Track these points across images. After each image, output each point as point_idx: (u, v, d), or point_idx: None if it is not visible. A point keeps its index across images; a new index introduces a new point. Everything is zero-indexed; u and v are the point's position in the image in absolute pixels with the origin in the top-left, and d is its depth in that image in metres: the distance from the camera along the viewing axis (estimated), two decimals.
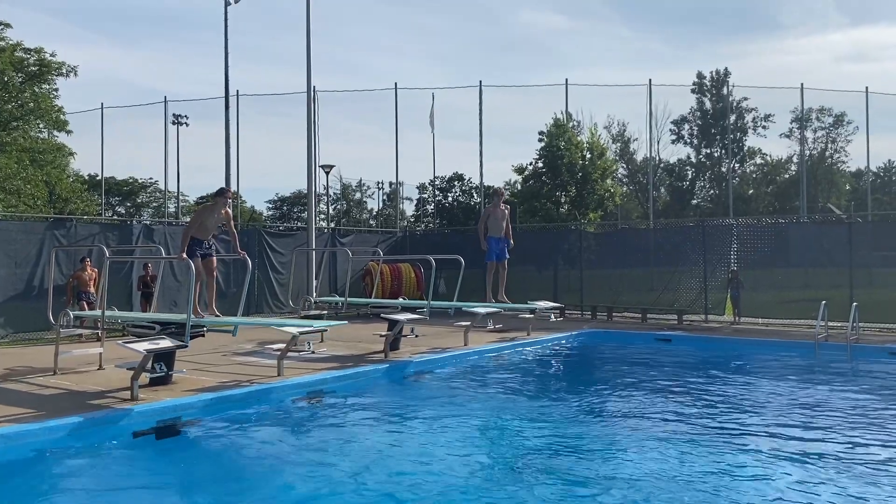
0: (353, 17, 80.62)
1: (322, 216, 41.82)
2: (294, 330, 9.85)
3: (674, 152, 50.67)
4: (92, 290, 13.87)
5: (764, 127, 47.61)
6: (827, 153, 48.69)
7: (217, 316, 9.93)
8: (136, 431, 7.18)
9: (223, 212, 9.97)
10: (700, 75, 47.85)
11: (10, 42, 24.17)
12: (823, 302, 12.27)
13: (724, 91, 45.80)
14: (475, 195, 43.29)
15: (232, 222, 10.26)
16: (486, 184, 29.36)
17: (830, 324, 12.84)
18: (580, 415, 8.28)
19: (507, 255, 13.27)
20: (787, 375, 10.62)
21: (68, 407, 7.57)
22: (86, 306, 13.51)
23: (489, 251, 13.12)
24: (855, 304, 12.64)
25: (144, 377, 8.41)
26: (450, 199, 45.45)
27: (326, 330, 11.46)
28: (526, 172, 28.67)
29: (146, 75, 78.01)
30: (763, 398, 8.94)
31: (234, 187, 28.67)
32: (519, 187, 32.01)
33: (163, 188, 38.78)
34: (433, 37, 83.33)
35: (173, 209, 38.39)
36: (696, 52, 73.86)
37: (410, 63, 79.90)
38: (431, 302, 12.80)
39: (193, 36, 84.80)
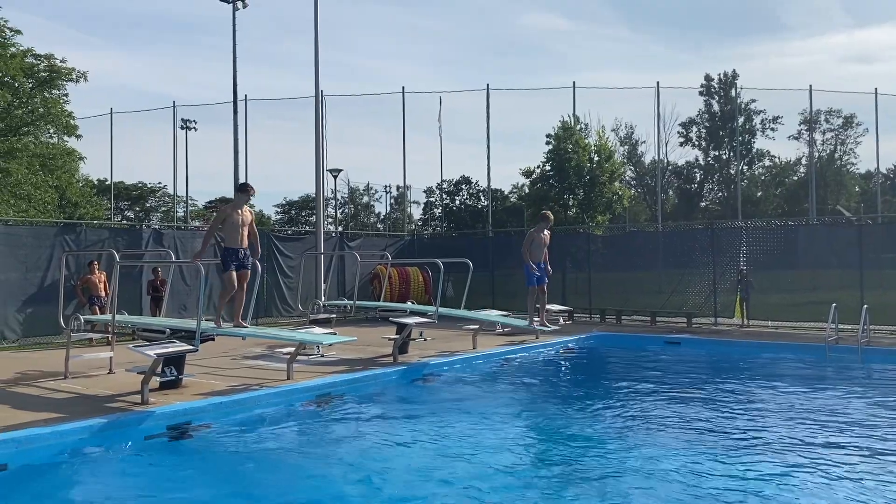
0: (361, 21, 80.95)
1: (330, 220, 41.89)
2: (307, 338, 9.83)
3: (682, 155, 50.46)
4: (102, 293, 13.95)
5: (772, 129, 47.47)
6: (836, 155, 48.51)
7: (244, 327, 9.73)
8: (147, 435, 7.20)
9: (245, 210, 9.55)
10: (708, 77, 47.75)
11: (21, 48, 24.33)
12: (834, 304, 12.20)
13: (732, 93, 45.66)
14: (482, 198, 43.33)
15: (254, 223, 9.75)
16: (493, 187, 29.36)
17: (841, 326, 12.77)
18: (591, 419, 8.25)
19: (546, 280, 13.00)
20: (799, 378, 10.57)
21: (79, 411, 7.60)
22: (97, 310, 13.59)
23: (531, 276, 12.66)
24: (865, 306, 12.56)
25: (155, 381, 8.45)
26: (457, 202, 45.51)
27: (332, 345, 11.40)
28: (533, 175, 28.69)
29: (155, 80, 78.64)
30: (776, 402, 8.89)
31: None
32: (526, 190, 32.03)
33: (171, 193, 38.91)
34: (440, 41, 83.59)
35: (182, 213, 38.57)
36: (701, 55, 73.81)
37: (418, 67, 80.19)
38: (440, 309, 12.76)
39: (202, 41, 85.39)
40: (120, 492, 5.88)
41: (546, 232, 12.89)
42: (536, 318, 13.11)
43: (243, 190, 9.70)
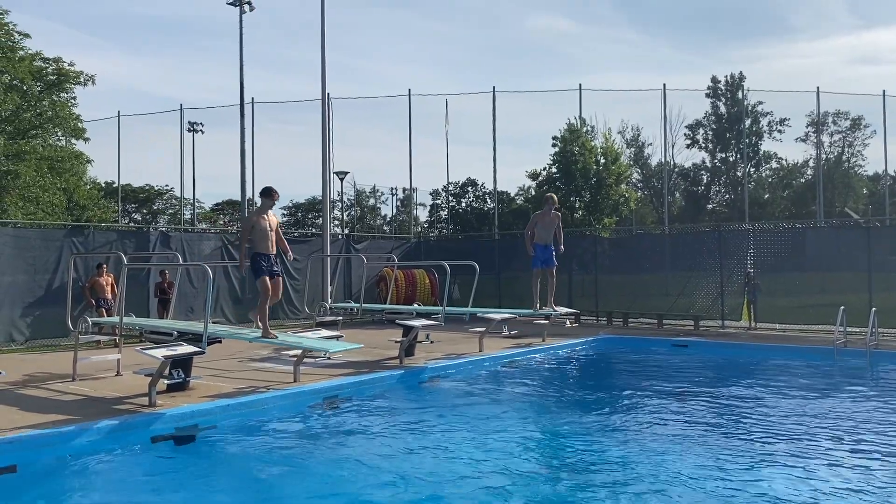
0: (367, 24, 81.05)
1: (336, 222, 41.95)
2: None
3: (689, 157, 50.39)
4: (109, 296, 14.00)
5: (780, 131, 47.40)
6: (844, 157, 48.35)
7: (274, 337, 9.63)
8: (154, 437, 7.22)
9: (270, 215, 9.52)
10: (714, 79, 47.71)
11: (30, 52, 24.45)
12: (842, 307, 12.15)
13: (739, 95, 45.56)
14: (489, 201, 43.32)
15: (279, 227, 9.80)
16: (499, 189, 29.33)
17: (849, 329, 12.72)
18: (598, 421, 8.23)
19: (556, 263, 13.07)
20: (807, 382, 10.52)
21: (87, 413, 7.62)
22: (104, 313, 13.64)
23: (534, 258, 12.91)
24: (874, 309, 12.50)
25: (162, 383, 8.46)
26: (463, 204, 45.52)
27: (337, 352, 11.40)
28: (540, 178, 28.68)
29: (162, 83, 78.88)
30: (784, 405, 8.85)
31: (248, 194, 28.79)
32: (533, 193, 32.01)
33: (178, 195, 39.03)
34: (446, 43, 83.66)
35: (189, 216, 38.65)
36: (708, 56, 73.73)
37: (423, 69, 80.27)
38: (446, 308, 12.78)
39: (209, 44, 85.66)
40: (128, 494, 5.90)
41: (554, 212, 12.94)
42: (546, 308, 13.21)
43: (268, 195, 9.66)
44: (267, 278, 9.44)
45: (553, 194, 13.60)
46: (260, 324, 9.76)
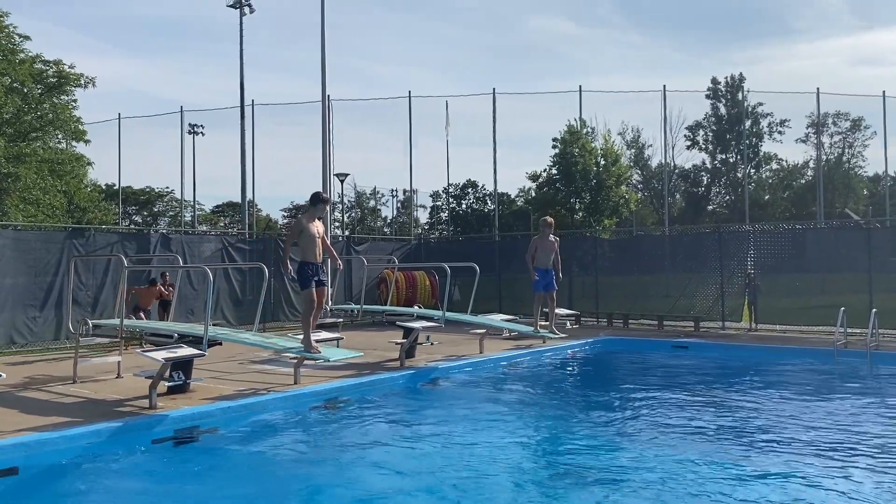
0: (366, 25, 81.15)
1: (337, 224, 41.96)
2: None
3: (689, 158, 50.46)
4: (150, 307, 14.45)
5: (780, 132, 47.49)
6: (844, 158, 48.42)
7: (317, 352, 9.15)
8: (155, 439, 7.23)
9: (318, 221, 9.12)
10: (714, 81, 47.82)
11: (30, 54, 24.46)
12: (842, 308, 12.14)
13: (739, 96, 45.61)
14: (489, 202, 43.37)
15: (325, 234, 9.31)
16: (500, 191, 29.35)
17: (849, 330, 12.71)
18: (599, 423, 8.23)
19: (556, 287, 13.05)
20: (807, 383, 10.53)
21: (87, 416, 7.63)
22: (143, 316, 13.94)
23: (536, 282, 12.86)
24: (874, 310, 12.50)
25: (162, 386, 8.47)
26: (463, 206, 45.58)
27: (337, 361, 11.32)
28: (540, 179, 28.81)
29: (162, 85, 79.08)
30: (784, 407, 8.85)
31: (249, 195, 28.81)
32: (533, 194, 32.06)
33: (179, 197, 39.08)
34: (446, 45, 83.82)
35: (189, 218, 38.69)
36: (709, 58, 73.95)
37: (424, 71, 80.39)
38: (447, 313, 12.77)
39: (209, 46, 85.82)
40: (129, 496, 5.90)
41: (552, 237, 12.93)
42: (543, 324, 13.23)
43: (323, 200, 9.29)
44: (314, 290, 9.09)
45: (549, 217, 13.50)
46: (304, 333, 9.22)
